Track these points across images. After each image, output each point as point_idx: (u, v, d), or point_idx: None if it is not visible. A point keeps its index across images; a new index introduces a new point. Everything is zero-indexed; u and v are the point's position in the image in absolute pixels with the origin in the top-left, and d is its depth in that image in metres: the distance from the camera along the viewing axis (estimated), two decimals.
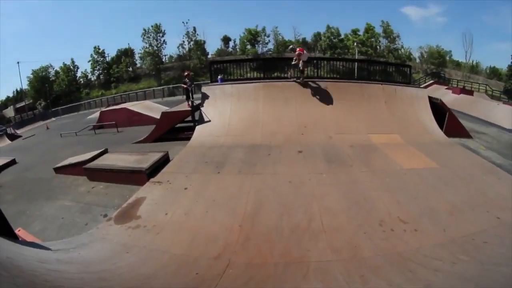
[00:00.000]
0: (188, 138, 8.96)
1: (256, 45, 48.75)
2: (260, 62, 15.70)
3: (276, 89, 9.88)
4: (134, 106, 17.62)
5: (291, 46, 11.02)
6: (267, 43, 49.81)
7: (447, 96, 17.83)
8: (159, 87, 40.87)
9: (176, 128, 10.42)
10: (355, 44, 43.37)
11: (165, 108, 14.59)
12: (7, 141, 22.37)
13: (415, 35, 72.78)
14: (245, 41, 48.16)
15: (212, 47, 64.79)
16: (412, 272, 2.98)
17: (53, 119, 37.70)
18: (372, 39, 45.45)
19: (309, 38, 52.58)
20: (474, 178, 5.68)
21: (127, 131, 13.92)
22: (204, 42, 49.02)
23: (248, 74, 12.22)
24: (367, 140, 7.92)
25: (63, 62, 52.19)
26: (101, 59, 51.50)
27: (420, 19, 70.76)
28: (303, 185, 5.39)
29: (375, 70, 12.68)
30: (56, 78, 51.43)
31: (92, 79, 52.99)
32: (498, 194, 4.89)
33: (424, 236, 3.67)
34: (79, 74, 52.99)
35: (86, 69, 52.90)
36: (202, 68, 43.97)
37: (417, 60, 48.78)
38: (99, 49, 50.99)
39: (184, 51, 50.26)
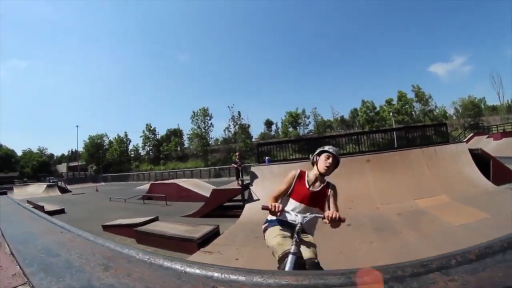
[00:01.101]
0: (237, 216, 9.34)
1: (297, 127, 51.03)
2: (303, 142, 16.53)
3: None
4: (183, 182, 18.27)
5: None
6: (307, 125, 52.23)
7: (489, 145, 17.11)
8: (205, 168, 42.55)
9: (225, 206, 10.88)
10: (390, 114, 44.10)
11: (213, 187, 15.09)
12: (57, 193, 24.36)
13: (447, 91, 75.21)
14: (287, 123, 50.70)
15: (256, 130, 70.13)
16: None
17: (103, 183, 40.19)
18: (406, 106, 46.06)
19: (346, 116, 54.75)
20: None
21: (175, 205, 14.38)
22: (249, 125, 52.29)
23: (292, 156, 12.85)
24: (414, 205, 7.74)
25: (118, 134, 58.24)
26: (152, 136, 56.57)
27: (447, 73, 73.63)
28: (354, 254, 5.33)
29: (413, 136, 12.86)
30: (110, 147, 57.11)
31: (142, 153, 57.91)
32: None
33: None
34: (130, 147, 58.50)
35: (137, 143, 58.65)
36: (247, 151, 46.11)
37: (454, 117, 48.20)
38: (150, 126, 56.66)
39: (230, 134, 53.36)
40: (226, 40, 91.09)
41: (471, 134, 29.29)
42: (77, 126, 54.66)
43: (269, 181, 10.29)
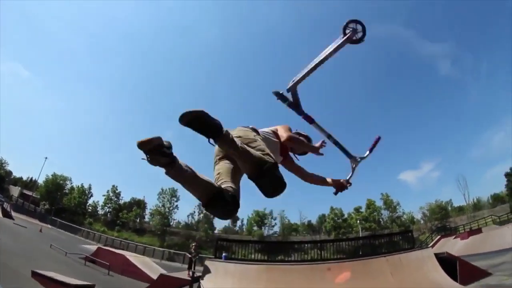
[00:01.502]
0: None
1: (262, 227, 51.67)
2: (264, 245, 16.25)
3: (279, 272, 9.94)
4: (133, 257, 16.93)
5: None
6: (273, 226, 53.04)
7: (457, 245, 17.89)
8: (160, 248, 40.76)
9: None
10: (358, 222, 46.19)
11: (163, 271, 14.20)
12: None
13: (416, 196, 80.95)
14: (253, 222, 51.23)
15: (220, 223, 67.65)
16: None
17: (49, 226, 36.90)
18: (374, 213, 48.58)
19: (314, 221, 56.04)
20: None
21: (118, 278, 13.30)
22: (214, 217, 51.19)
23: (252, 255, 12.69)
24: None
25: (82, 183, 54.59)
26: (115, 199, 54.29)
27: (416, 180, 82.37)
28: None
29: (379, 243, 13.09)
30: (70, 192, 53.20)
31: (100, 212, 54.60)
32: None
33: None
34: (90, 201, 55.05)
35: (98, 201, 55.16)
36: (207, 241, 45.40)
37: (421, 221, 50.80)
38: (116, 189, 54.68)
39: (193, 221, 53.00)
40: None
41: (438, 237, 29.93)
42: (46, 158, 50.69)
43: (221, 279, 9.74)
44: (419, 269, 9.40)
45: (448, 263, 9.36)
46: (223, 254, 11.70)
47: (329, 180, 3.09)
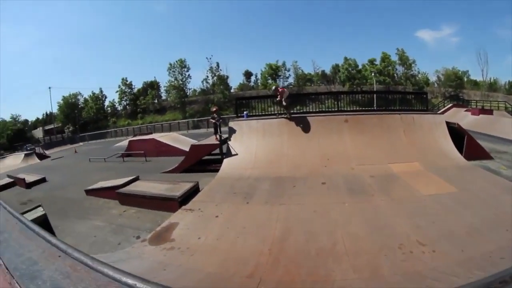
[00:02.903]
0: (216, 170, 9.50)
1: (277, 79, 50.26)
2: None
3: (299, 123, 10.43)
4: (162, 137, 18.14)
5: (273, 87, 11.69)
6: (287, 77, 51.67)
7: (466, 119, 17.81)
8: (184, 120, 42.40)
9: (204, 160, 11.04)
10: (372, 74, 44.41)
11: (193, 141, 15.19)
12: (36, 160, 23.85)
13: (431, 58, 75.16)
14: (266, 75, 49.99)
15: (235, 81, 67.73)
16: (428, 287, 3.23)
17: (81, 143, 39.53)
18: (389, 68, 46.30)
19: (328, 70, 54.25)
20: (494, 198, 5.77)
21: (155, 161, 14.44)
22: (227, 77, 51.14)
23: (271, 108, 12.91)
24: (387, 169, 8.16)
25: (92, 91, 55.89)
26: (129, 90, 54.82)
27: (434, 41, 71.69)
28: (327, 214, 5.69)
29: (393, 98, 13.14)
30: (85, 105, 55.09)
31: (119, 108, 56.38)
32: None
33: (442, 256, 3.85)
34: (106, 103, 56.65)
35: (114, 99, 56.76)
36: (225, 102, 45.80)
37: (435, 85, 49.29)
38: (126, 80, 54.51)
39: (208, 86, 52.35)
40: None
41: (451, 105, 29.63)
42: (50, 88, 51.54)
43: (247, 136, 10.46)
44: (430, 132, 9.96)
45: (456, 134, 9.84)
46: (244, 112, 12.23)
47: None
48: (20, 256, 1.16)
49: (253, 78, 56.42)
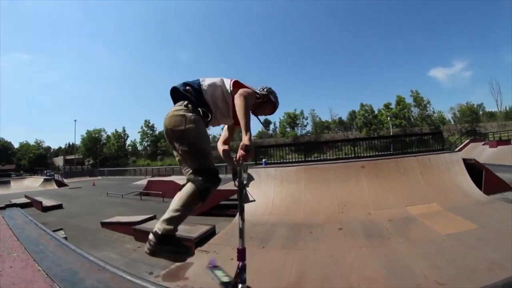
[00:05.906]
0: (233, 215, 9.48)
1: (295, 127, 51.90)
2: (299, 146, 16.63)
3: (316, 171, 10.50)
4: (181, 180, 18.15)
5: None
6: (305, 126, 53.22)
7: (485, 152, 17.36)
8: None
9: (221, 205, 11.11)
10: (388, 118, 44.90)
11: None
12: (54, 186, 24.27)
13: (447, 95, 76.65)
14: (285, 124, 51.71)
15: (254, 129, 68.79)
16: None
17: (99, 177, 40.08)
18: (404, 110, 46.92)
19: (344, 117, 55.43)
20: None
21: None
22: None
23: (289, 156, 13.21)
24: (405, 212, 7.98)
25: (115, 129, 59.01)
26: (150, 132, 57.29)
27: (448, 78, 75.58)
28: (343, 258, 5.58)
29: (410, 140, 13.23)
30: (107, 141, 57.51)
31: (140, 148, 58.69)
32: None
33: None
34: (128, 142, 59.43)
35: (135, 139, 59.71)
36: None
37: (451, 122, 49.10)
38: (149, 122, 57.64)
39: None
40: (225, 37, 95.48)
41: (468, 140, 29.43)
42: (75, 120, 57.51)
43: (265, 183, 10.55)
44: (447, 171, 9.76)
45: (474, 170, 9.62)
46: (263, 160, 12.45)
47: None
48: (59, 266, 1.38)
49: (271, 126, 58.07)
